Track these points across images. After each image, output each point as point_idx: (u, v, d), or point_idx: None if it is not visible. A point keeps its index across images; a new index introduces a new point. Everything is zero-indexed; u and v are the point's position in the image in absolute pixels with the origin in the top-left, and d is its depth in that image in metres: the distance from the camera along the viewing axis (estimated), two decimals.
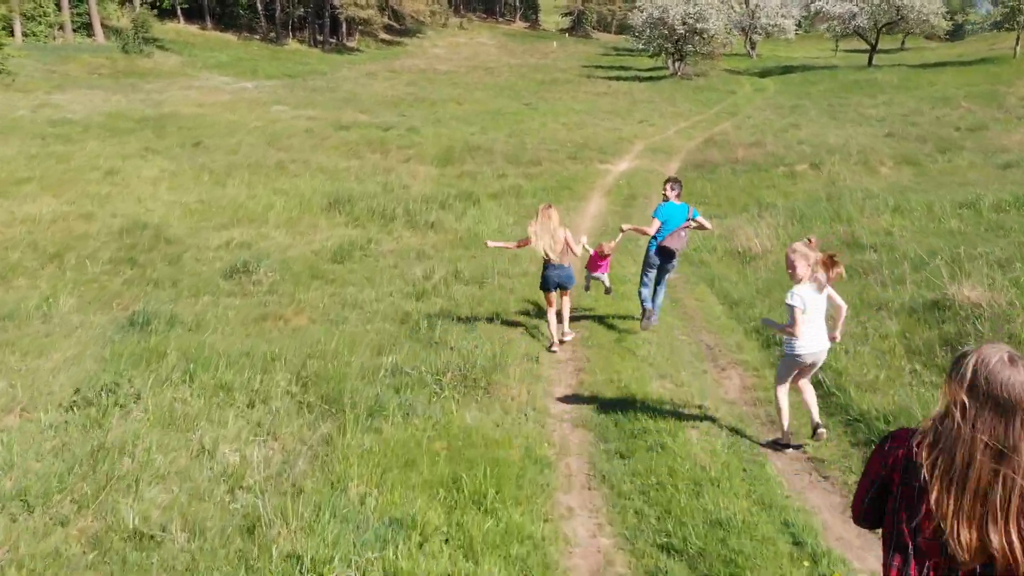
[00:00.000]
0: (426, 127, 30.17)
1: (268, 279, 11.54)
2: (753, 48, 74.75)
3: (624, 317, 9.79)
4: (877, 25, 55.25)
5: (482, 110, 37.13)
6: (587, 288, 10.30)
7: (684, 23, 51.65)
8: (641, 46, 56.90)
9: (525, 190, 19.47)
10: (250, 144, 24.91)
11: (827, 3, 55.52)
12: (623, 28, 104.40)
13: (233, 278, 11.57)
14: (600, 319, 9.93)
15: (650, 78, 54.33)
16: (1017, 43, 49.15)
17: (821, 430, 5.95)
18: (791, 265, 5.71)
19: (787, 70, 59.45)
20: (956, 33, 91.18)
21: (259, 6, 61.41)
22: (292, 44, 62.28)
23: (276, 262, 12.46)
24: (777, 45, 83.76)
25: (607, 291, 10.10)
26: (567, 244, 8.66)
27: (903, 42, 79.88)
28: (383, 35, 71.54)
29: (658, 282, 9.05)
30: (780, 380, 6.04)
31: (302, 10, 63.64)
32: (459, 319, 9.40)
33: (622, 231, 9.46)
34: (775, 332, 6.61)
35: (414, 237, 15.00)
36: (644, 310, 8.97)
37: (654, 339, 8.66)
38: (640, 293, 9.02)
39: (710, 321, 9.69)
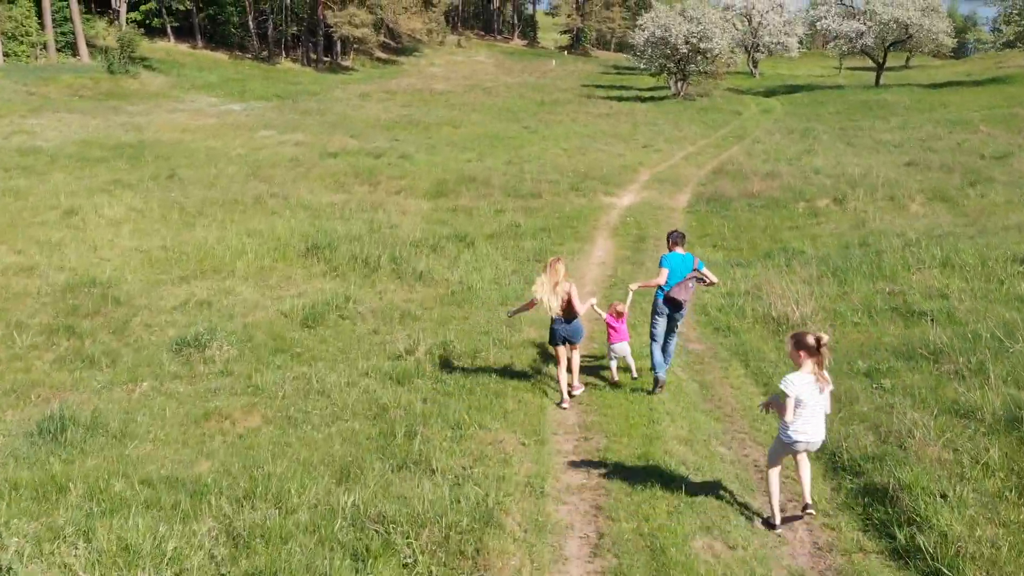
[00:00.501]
0: (419, 154, 28.58)
1: (223, 355, 9.84)
2: (755, 66, 73.47)
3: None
4: (884, 44, 53.87)
5: (479, 134, 35.57)
6: (614, 375, 9.41)
7: (687, 42, 50.21)
8: (643, 65, 55.48)
9: (524, 229, 17.82)
10: (229, 175, 23.28)
11: (833, 22, 54.14)
12: (622, 46, 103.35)
13: (182, 354, 9.87)
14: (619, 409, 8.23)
15: (651, 98, 52.88)
16: None
17: (810, 511, 5.90)
18: (793, 356, 5.79)
19: (792, 89, 58.08)
20: (960, 51, 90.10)
21: (251, 24, 59.99)
22: (285, 63, 60.85)
23: (236, 330, 10.76)
24: (778, 63, 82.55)
25: (634, 376, 9.39)
26: (570, 300, 8.55)
27: (908, 60, 78.67)
28: (379, 53, 70.17)
29: (669, 331, 9.00)
30: (771, 463, 6.04)
31: (295, 28, 62.20)
32: (446, 419, 7.69)
33: (631, 291, 9.37)
34: (772, 409, 6.11)
35: (400, 291, 13.30)
36: (656, 379, 8.79)
37: (691, 458, 6.93)
38: (652, 354, 8.88)
39: (755, 424, 7.96)
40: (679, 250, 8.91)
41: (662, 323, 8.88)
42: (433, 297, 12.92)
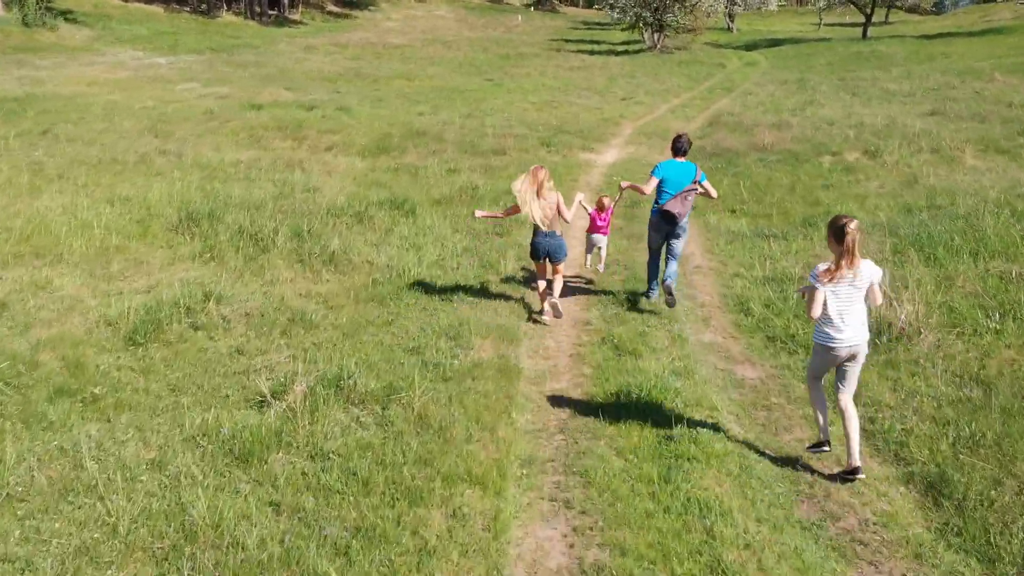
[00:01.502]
0: (362, 107, 24.31)
1: None
2: (732, 21, 69.40)
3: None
4: None
5: (436, 87, 31.28)
6: (587, 262, 9.59)
7: None
8: (616, 15, 51.10)
9: (483, 193, 13.81)
10: (121, 131, 18.91)
11: None
12: (592, 1, 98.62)
13: None
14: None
15: (626, 52, 48.75)
16: None
17: (861, 475, 5.06)
18: (830, 246, 5.12)
19: (775, 43, 54.22)
20: (938, 7, 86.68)
21: None
22: (226, 17, 55.63)
23: (18, 353, 6.70)
24: (754, 19, 78.58)
25: (600, 268, 9.51)
26: (559, 210, 7.96)
27: (887, 16, 75.02)
28: (331, 7, 65.03)
29: (669, 254, 8.38)
30: (811, 377, 5.37)
31: None
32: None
33: (621, 188, 8.76)
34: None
35: (299, 280, 9.26)
36: (647, 294, 8.55)
37: None
38: (648, 268, 8.61)
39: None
40: (679, 158, 8.26)
41: (657, 238, 8.38)
42: (346, 289, 8.90)
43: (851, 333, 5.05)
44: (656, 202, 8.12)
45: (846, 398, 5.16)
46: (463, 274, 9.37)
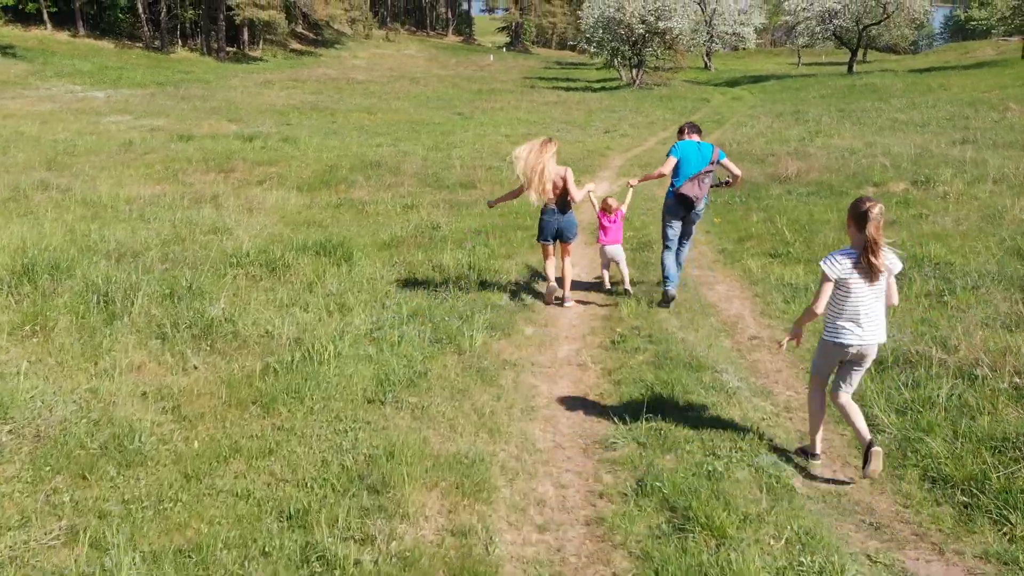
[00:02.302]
0: (311, 138, 21.20)
1: None
2: (710, 59, 67.65)
3: None
4: (859, 25, 48.17)
5: (399, 120, 28.31)
6: (606, 280, 8.41)
7: (643, 21, 43.70)
8: (592, 50, 48.74)
9: (445, 233, 10.70)
10: (9, 164, 15.64)
11: (803, 1, 48.21)
12: (564, 43, 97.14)
13: None
14: None
15: (603, 88, 46.31)
16: None
17: (875, 448, 4.33)
18: (848, 232, 4.51)
19: (757, 80, 52.14)
20: (915, 46, 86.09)
21: (140, 9, 51.64)
22: (181, 53, 52.68)
23: None
24: (729, 59, 77.01)
25: (627, 291, 8.07)
26: (566, 186, 7.48)
27: (864, 54, 73.81)
28: (295, 45, 62.34)
29: (683, 235, 7.84)
30: (814, 373, 4.73)
31: (193, 13, 54.06)
32: None
33: (631, 186, 8.47)
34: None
35: (151, 368, 5.96)
36: (665, 293, 7.58)
37: None
38: (663, 262, 7.71)
39: None
40: (695, 138, 7.79)
41: (676, 226, 7.73)
42: (219, 383, 5.63)
43: (870, 330, 4.48)
44: (672, 185, 7.62)
45: (846, 398, 4.68)
46: (407, 353, 6.14)
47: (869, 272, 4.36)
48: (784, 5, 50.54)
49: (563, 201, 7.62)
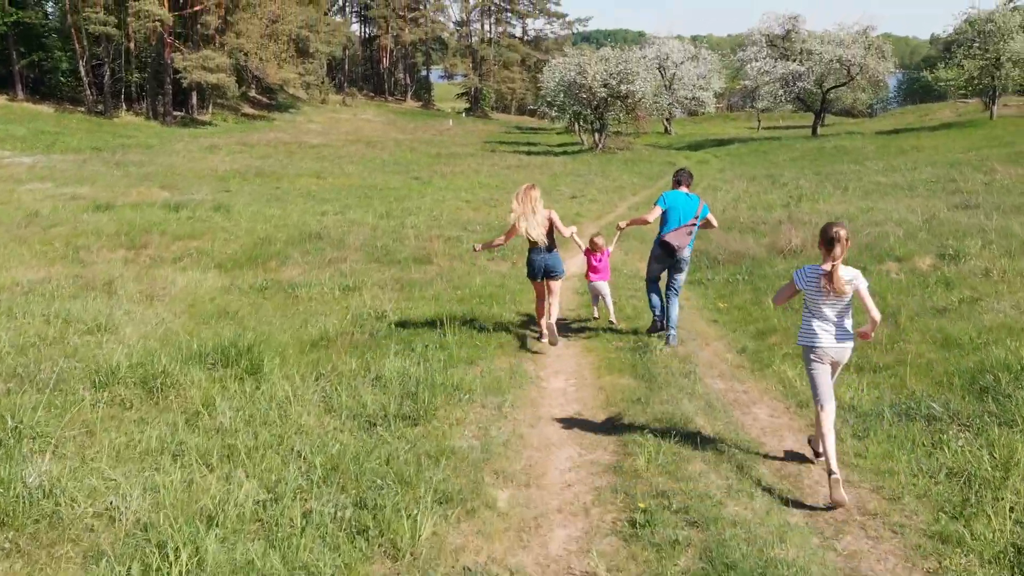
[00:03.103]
0: (249, 207, 19.04)
1: None
2: (670, 124, 67.08)
3: None
4: (823, 87, 47.64)
5: (350, 185, 26.28)
6: (595, 312, 9.08)
7: (605, 85, 42.53)
8: (554, 114, 47.46)
9: (391, 321, 8.54)
10: None
11: (764, 63, 47.63)
12: (523, 109, 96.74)
13: None
14: None
15: (565, 152, 44.93)
16: (994, 104, 41.98)
17: (835, 475, 4.69)
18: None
19: (721, 143, 51.30)
20: (872, 109, 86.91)
21: (83, 73, 49.42)
22: (125, 117, 50.39)
23: None
24: (687, 124, 76.66)
25: (611, 321, 8.81)
26: (553, 224, 7.97)
27: (823, 118, 74.00)
28: (247, 109, 60.44)
29: (669, 287, 8.13)
30: (815, 395, 5.07)
31: (138, 76, 51.97)
32: None
33: (619, 228, 8.60)
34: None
35: None
36: (654, 321, 8.20)
37: None
38: (648, 297, 8.31)
39: None
40: (684, 189, 8.08)
41: (657, 268, 8.17)
42: None
43: (834, 336, 5.06)
44: (659, 231, 7.92)
45: (828, 417, 5.03)
46: (309, 562, 3.87)
47: (831, 287, 4.94)
48: (746, 68, 49.90)
49: (550, 241, 7.98)
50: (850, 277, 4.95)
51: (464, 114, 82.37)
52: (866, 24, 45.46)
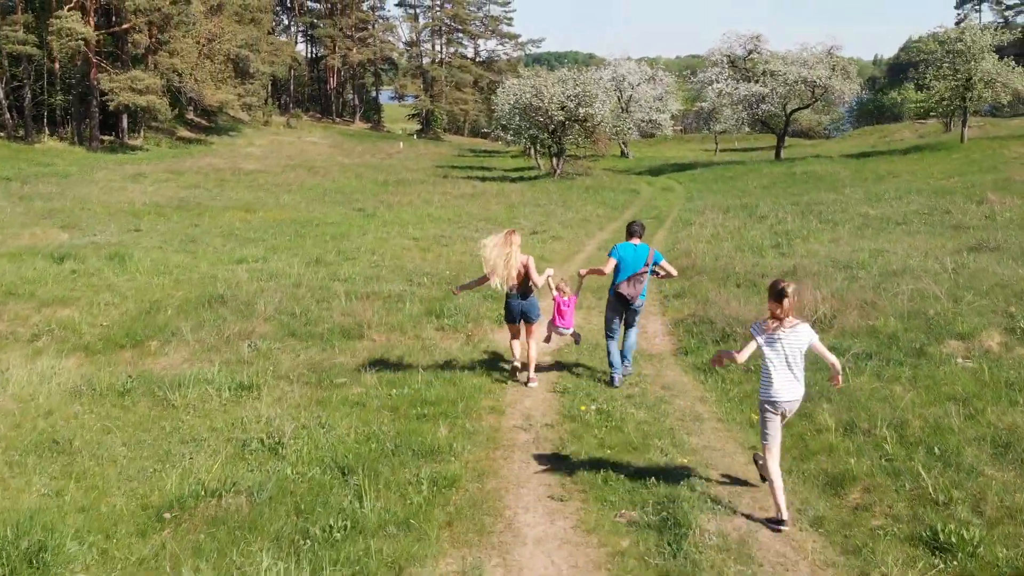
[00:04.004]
0: (150, 254, 16.08)
1: None
2: (627, 147, 65.19)
3: None
4: (786, 109, 45.96)
5: (284, 219, 23.36)
6: (547, 340, 9.09)
7: (563, 108, 40.22)
8: (509, 138, 45.03)
9: (291, 458, 5.80)
10: None
11: (727, 85, 45.81)
12: (476, 131, 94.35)
13: None
14: None
15: (521, 178, 42.49)
16: (964, 127, 40.58)
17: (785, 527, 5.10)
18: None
19: (681, 168, 49.32)
20: (828, 131, 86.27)
21: (1, 96, 45.62)
22: (48, 142, 46.66)
23: None
24: (642, 147, 74.85)
25: (576, 340, 9.12)
26: (527, 273, 8.22)
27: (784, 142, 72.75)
28: (183, 132, 56.99)
29: (628, 325, 8.72)
30: (764, 439, 5.42)
31: (62, 98, 48.31)
32: None
33: (580, 276, 8.91)
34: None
35: None
36: (611, 378, 8.46)
37: None
38: (608, 352, 8.63)
39: None
40: (635, 241, 8.46)
41: (614, 319, 8.61)
42: None
43: (787, 388, 5.35)
44: (613, 282, 8.41)
45: (774, 464, 5.34)
46: None
47: (784, 341, 5.29)
48: (707, 91, 48.04)
49: (525, 287, 8.28)
50: (804, 334, 5.30)
51: (415, 136, 79.72)
52: (830, 44, 43.85)
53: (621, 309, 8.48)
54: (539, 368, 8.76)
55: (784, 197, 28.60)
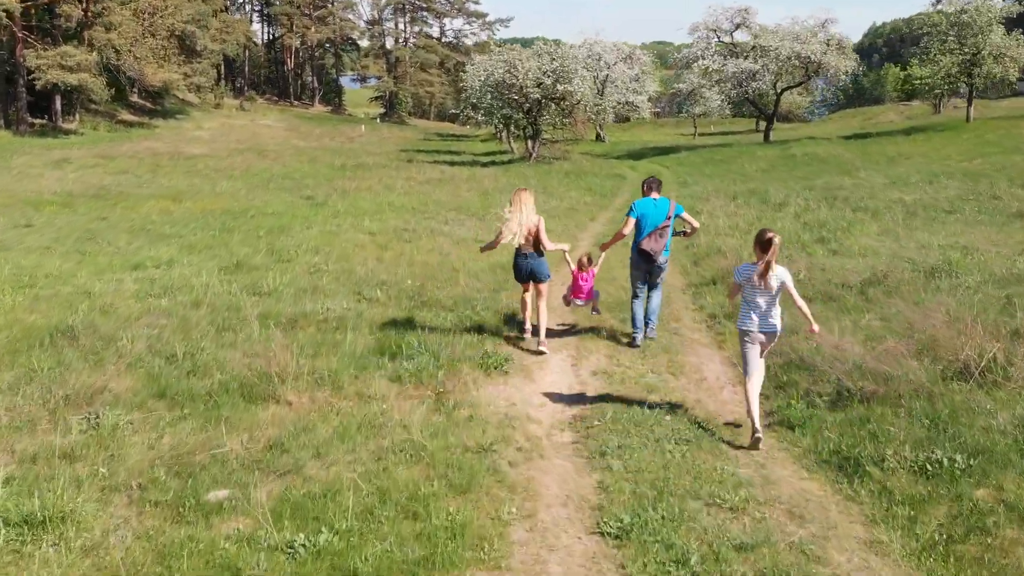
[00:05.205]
0: (24, 258, 12.35)
1: None
2: (603, 130, 61.76)
3: None
4: (777, 88, 42.78)
5: (215, 210, 19.57)
6: (567, 302, 8.93)
7: (539, 85, 36.58)
8: (480, 118, 41.26)
9: None
10: None
11: (714, 61, 42.44)
12: (443, 114, 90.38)
13: None
14: None
15: (493, 163, 38.85)
16: (970, 107, 37.65)
17: (759, 436, 5.88)
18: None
19: (664, 152, 45.97)
20: (809, 114, 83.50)
21: None
22: None
23: None
24: (616, 131, 71.37)
25: (594, 310, 8.97)
26: (538, 234, 8.07)
27: (757, 122, 69.79)
28: (125, 115, 52.48)
29: (651, 286, 8.50)
30: (743, 364, 6.20)
31: None
32: None
33: (602, 251, 8.97)
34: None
35: None
36: (633, 336, 8.38)
37: None
38: (632, 311, 8.49)
39: None
40: (653, 195, 8.32)
41: (639, 276, 8.43)
42: None
43: (763, 321, 6.07)
44: (635, 240, 8.23)
45: (752, 385, 6.07)
46: None
47: (763, 282, 5.96)
48: (693, 67, 44.62)
49: (536, 246, 8.12)
50: (779, 275, 5.99)
51: (378, 120, 75.61)
52: (824, 17, 40.67)
53: (645, 267, 8.29)
54: (554, 334, 8.32)
55: (793, 181, 25.34)
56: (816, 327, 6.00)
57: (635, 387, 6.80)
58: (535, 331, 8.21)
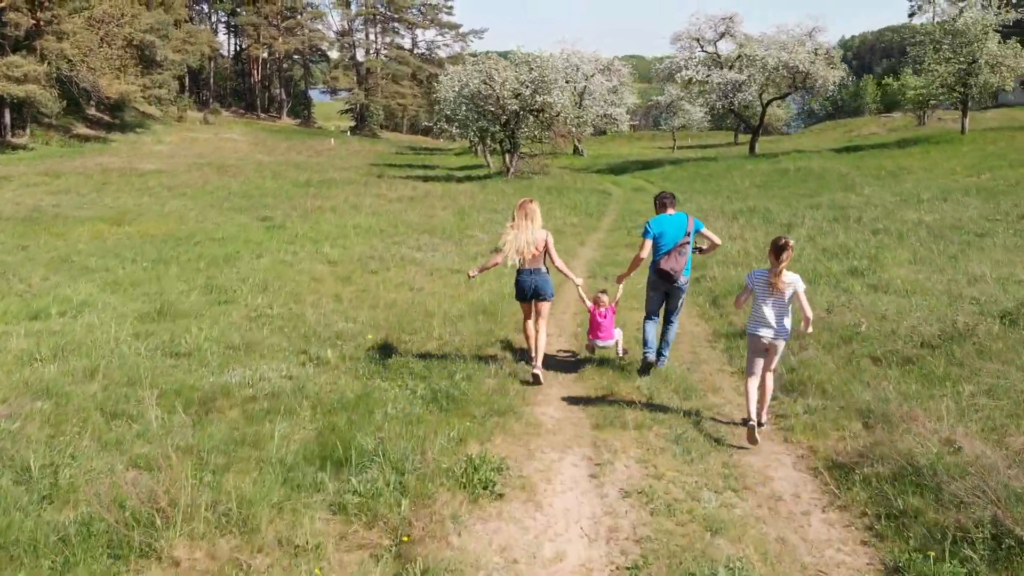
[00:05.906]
0: None
1: None
2: (580, 143, 60.05)
3: None
4: (763, 100, 41.18)
5: (156, 235, 17.34)
6: (590, 349, 8.23)
7: (517, 96, 34.65)
8: (455, 131, 39.22)
9: None
10: None
11: (698, 72, 40.75)
12: (416, 127, 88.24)
13: None
14: None
15: (469, 178, 36.84)
16: (965, 118, 36.22)
17: (759, 432, 5.96)
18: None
19: (647, 166, 44.31)
20: (787, 127, 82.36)
21: None
22: None
23: None
24: (593, 144, 69.75)
25: (619, 354, 8.23)
26: (546, 249, 7.45)
27: (736, 135, 68.47)
28: (81, 129, 49.87)
29: (669, 311, 7.92)
30: (748, 364, 6.28)
31: None
32: None
33: (618, 283, 8.20)
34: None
35: None
36: (645, 359, 7.66)
37: None
38: (643, 331, 7.78)
39: None
40: (669, 211, 7.74)
41: (656, 298, 7.89)
42: None
43: (773, 328, 6.09)
44: (653, 259, 7.71)
45: (768, 375, 6.24)
46: None
47: (775, 287, 6.00)
48: (676, 77, 42.90)
49: (541, 264, 7.55)
50: (791, 280, 6.04)
51: (348, 133, 73.36)
52: (811, 26, 39.17)
53: (663, 287, 7.70)
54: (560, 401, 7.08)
55: (793, 199, 23.51)
56: (811, 329, 6.15)
57: (690, 524, 4.71)
58: (534, 355, 7.55)
